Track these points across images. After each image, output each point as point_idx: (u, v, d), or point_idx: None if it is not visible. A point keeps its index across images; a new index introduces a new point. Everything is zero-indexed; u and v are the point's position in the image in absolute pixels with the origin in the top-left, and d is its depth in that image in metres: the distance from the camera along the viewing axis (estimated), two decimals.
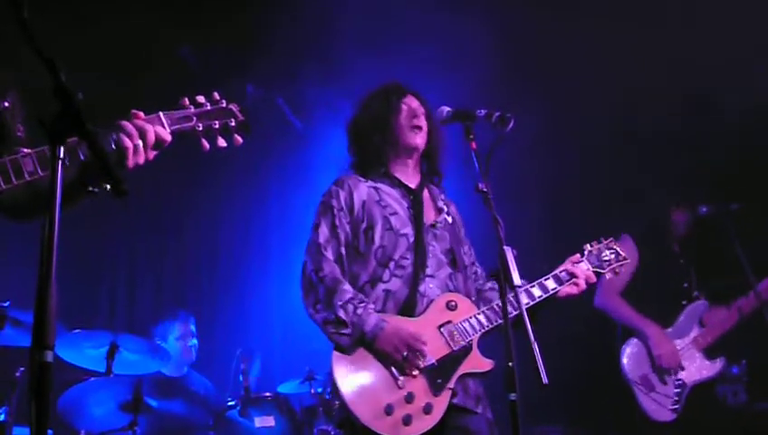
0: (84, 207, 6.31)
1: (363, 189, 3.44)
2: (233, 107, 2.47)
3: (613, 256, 3.62)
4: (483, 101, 3.22)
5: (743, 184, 5.70)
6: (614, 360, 4.99)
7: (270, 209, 7.34)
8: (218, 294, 6.98)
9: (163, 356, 5.02)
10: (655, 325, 4.95)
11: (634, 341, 4.98)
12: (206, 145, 2.40)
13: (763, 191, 5.74)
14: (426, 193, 3.55)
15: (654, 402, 4.83)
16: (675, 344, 4.92)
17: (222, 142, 2.43)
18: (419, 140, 3.50)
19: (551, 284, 3.41)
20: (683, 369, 4.88)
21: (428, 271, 3.33)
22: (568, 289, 3.42)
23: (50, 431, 4.80)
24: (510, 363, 2.67)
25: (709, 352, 4.99)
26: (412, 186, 3.52)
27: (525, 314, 2.75)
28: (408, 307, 3.25)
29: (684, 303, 5.11)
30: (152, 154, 2.28)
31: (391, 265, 3.30)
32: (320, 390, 5.16)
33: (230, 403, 5.12)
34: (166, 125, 2.31)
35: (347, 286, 3.24)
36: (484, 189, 2.94)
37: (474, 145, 3.05)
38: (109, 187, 1.85)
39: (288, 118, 7.23)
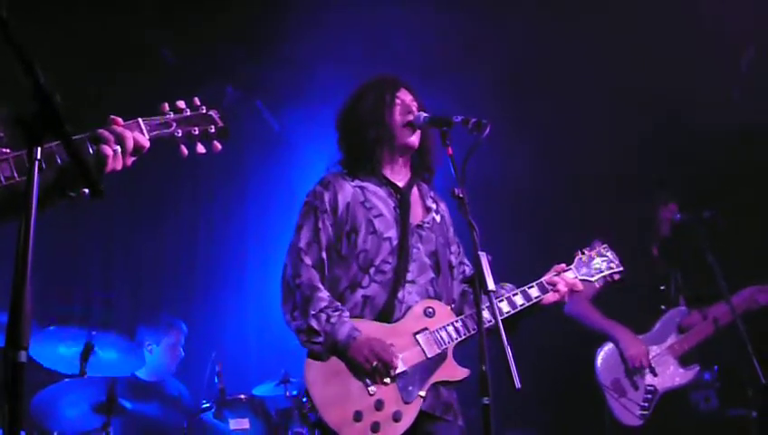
0: (61, 206, 6.26)
1: (348, 190, 3.40)
2: (212, 113, 2.47)
3: (604, 263, 3.58)
4: (471, 112, 3.21)
5: (717, 193, 5.79)
6: (587, 365, 5.01)
7: (248, 210, 7.32)
8: (195, 294, 6.95)
9: (138, 357, 5.00)
10: (624, 328, 4.98)
11: (609, 345, 5.02)
12: (185, 151, 2.40)
13: (736, 200, 5.84)
14: (414, 191, 3.51)
15: (623, 408, 4.86)
16: (646, 347, 4.94)
17: (201, 149, 2.43)
18: (415, 138, 3.45)
19: (534, 292, 3.40)
20: (655, 374, 4.92)
21: (409, 276, 3.31)
22: (551, 297, 3.41)
23: (22, 433, 4.77)
24: (483, 367, 2.68)
25: (684, 360, 5.03)
26: (400, 184, 3.48)
27: (499, 321, 2.75)
28: (386, 313, 3.25)
29: (663, 308, 5.14)
30: (130, 160, 2.28)
31: (371, 270, 3.29)
32: (295, 392, 5.16)
33: (205, 405, 5.10)
34: (145, 131, 2.31)
35: (323, 293, 3.24)
36: (461, 195, 2.92)
37: (450, 151, 3.04)
38: (86, 189, 1.84)
39: (266, 120, 7.22)
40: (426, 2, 5.94)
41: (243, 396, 5.24)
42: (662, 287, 5.21)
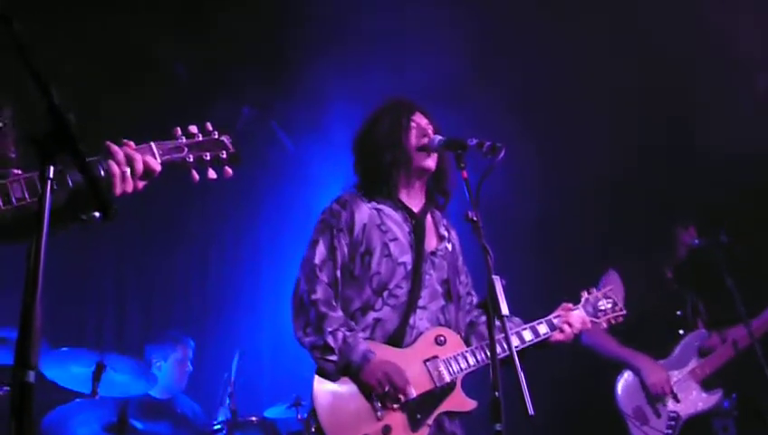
0: (71, 229, 6.27)
1: (365, 211, 3.38)
2: (224, 139, 2.47)
3: (609, 305, 3.60)
4: (477, 133, 3.20)
5: (732, 218, 5.73)
6: (603, 395, 4.95)
7: (261, 230, 7.32)
8: (208, 315, 6.94)
9: (150, 378, 4.99)
10: (643, 355, 4.92)
11: (628, 372, 4.95)
12: (196, 176, 2.40)
13: (753, 225, 5.78)
14: (429, 218, 3.50)
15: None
16: (668, 373, 4.88)
17: (212, 174, 2.42)
18: (431, 162, 3.44)
19: (542, 328, 3.39)
20: (677, 400, 4.84)
21: (421, 302, 3.30)
22: (559, 336, 3.41)
23: None
24: (496, 393, 2.65)
25: (706, 384, 4.95)
26: (416, 209, 3.47)
27: (512, 344, 2.74)
28: (396, 338, 3.23)
29: (681, 332, 5.08)
30: (141, 184, 2.28)
31: (385, 293, 3.27)
32: (306, 415, 5.11)
33: (216, 427, 5.08)
34: (157, 155, 2.31)
35: (338, 313, 3.21)
36: (474, 218, 2.92)
37: (464, 174, 3.03)
38: (97, 211, 1.83)
39: (281, 140, 7.23)
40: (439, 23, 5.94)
41: (254, 418, 5.21)
42: (679, 312, 5.16)
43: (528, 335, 3.35)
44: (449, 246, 3.50)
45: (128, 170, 2.21)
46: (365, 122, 3.59)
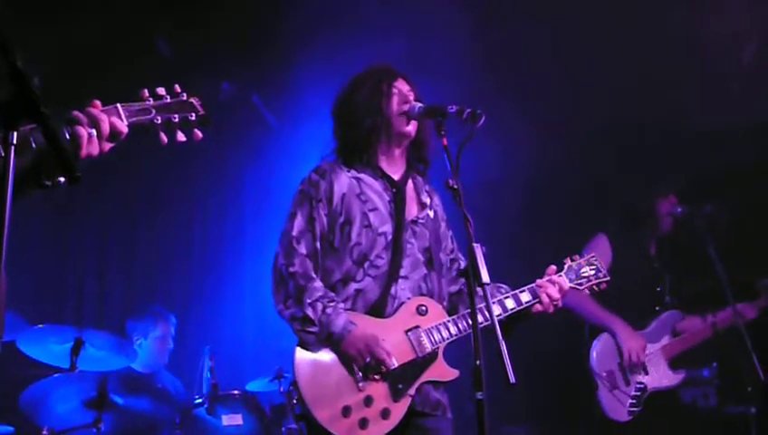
0: (53, 199, 6.21)
1: (344, 180, 3.33)
2: (194, 100, 2.40)
3: (593, 272, 3.57)
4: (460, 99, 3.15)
5: (717, 190, 5.74)
6: (579, 361, 4.96)
7: (244, 205, 7.28)
8: (190, 289, 6.92)
9: (129, 353, 4.95)
10: (622, 321, 4.93)
11: (605, 336, 4.95)
12: (165, 139, 2.33)
13: (738, 198, 5.79)
14: (410, 185, 3.46)
15: (614, 400, 4.83)
16: (644, 341, 4.90)
17: (181, 137, 2.35)
18: (412, 128, 3.39)
19: (525, 296, 3.35)
20: (646, 372, 4.88)
21: (402, 272, 3.26)
22: (539, 306, 3.37)
23: (11, 428, 4.73)
24: (477, 362, 2.63)
25: (674, 363, 4.99)
26: (396, 177, 3.42)
27: (494, 314, 2.72)
28: (378, 308, 3.20)
29: (657, 308, 5.10)
30: (107, 146, 2.21)
31: (366, 264, 3.24)
32: (289, 388, 5.10)
33: (197, 401, 5.04)
34: (123, 117, 2.24)
35: (318, 283, 3.18)
36: (455, 186, 2.88)
37: (445, 141, 2.99)
38: (61, 176, 1.78)
39: (264, 115, 7.17)
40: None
41: (236, 391, 5.17)
42: (659, 289, 5.17)
43: (510, 303, 3.31)
44: (431, 214, 3.46)
45: (94, 132, 2.14)
46: (345, 87, 3.52)
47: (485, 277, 2.72)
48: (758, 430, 4.90)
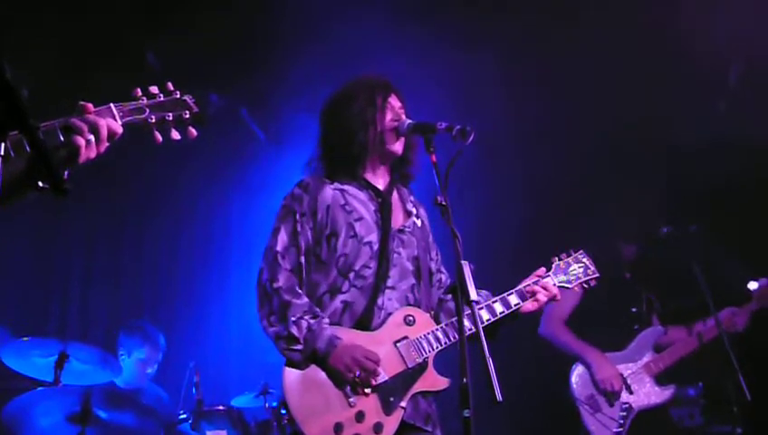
0: (39, 211, 6.18)
1: (328, 193, 3.30)
2: (187, 98, 2.38)
3: (581, 270, 3.54)
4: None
5: (703, 208, 5.75)
6: (565, 381, 4.97)
7: (231, 219, 7.26)
8: (175, 303, 6.87)
9: (114, 367, 4.91)
10: (595, 351, 4.95)
11: (581, 363, 4.98)
12: (159, 138, 2.31)
13: (723, 215, 5.81)
14: (395, 195, 3.44)
15: (599, 424, 4.81)
16: (617, 368, 4.90)
17: (176, 135, 2.33)
18: (399, 146, 3.37)
19: (513, 299, 3.33)
20: (630, 392, 4.87)
21: (390, 282, 3.23)
22: (530, 306, 3.35)
23: None
24: (465, 380, 2.61)
25: (660, 379, 4.98)
26: (380, 187, 3.40)
27: (482, 332, 2.69)
28: (365, 320, 3.17)
29: (636, 328, 5.10)
30: (103, 147, 2.19)
31: (351, 275, 3.21)
32: (275, 404, 5.05)
33: (182, 416, 5.01)
34: (117, 117, 2.22)
35: (302, 300, 3.15)
36: (444, 202, 2.87)
37: (434, 158, 2.98)
38: (49, 186, 1.76)
39: (252, 129, 7.16)
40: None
41: (221, 407, 5.14)
42: (634, 309, 5.17)
43: (499, 307, 3.29)
44: (418, 222, 3.44)
45: (92, 138, 2.12)
46: (337, 97, 3.48)
47: (473, 295, 2.70)
48: None
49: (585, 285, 3.55)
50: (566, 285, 3.48)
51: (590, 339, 5.00)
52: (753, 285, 5.10)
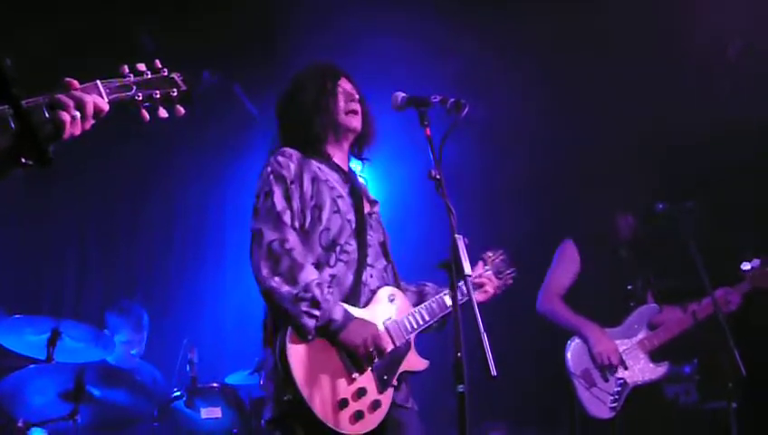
0: (33, 188, 6.14)
1: (313, 165, 3.28)
2: (175, 76, 2.35)
3: (504, 266, 3.71)
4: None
5: (697, 186, 5.74)
6: (560, 357, 4.97)
7: (225, 196, 7.22)
8: (170, 280, 6.86)
9: (107, 345, 4.89)
10: (592, 325, 4.95)
11: (578, 337, 4.97)
12: (146, 116, 2.28)
13: (719, 193, 5.80)
14: (358, 181, 3.48)
15: (593, 398, 4.82)
16: (615, 343, 4.90)
17: (163, 113, 2.30)
18: (357, 122, 3.41)
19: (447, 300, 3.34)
20: (626, 368, 4.87)
21: (369, 260, 3.25)
22: (480, 297, 3.46)
23: None
24: (459, 354, 2.60)
25: (655, 356, 4.98)
26: (345, 169, 3.44)
27: (476, 306, 2.67)
28: (352, 296, 3.16)
29: (632, 304, 5.10)
30: (89, 124, 2.16)
31: (337, 249, 3.19)
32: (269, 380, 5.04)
33: (176, 394, 5.00)
34: (104, 94, 2.19)
35: (312, 267, 3.07)
36: (438, 176, 2.87)
37: (428, 131, 2.99)
38: (33, 158, 1.73)
39: (245, 106, 7.11)
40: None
41: (215, 384, 5.13)
42: (629, 286, 5.17)
43: (448, 301, 3.28)
44: (378, 215, 3.49)
45: (78, 115, 2.09)
46: (288, 88, 3.48)
47: (468, 269, 2.70)
48: (739, 425, 4.90)
49: (508, 282, 3.73)
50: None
51: (585, 314, 5.00)
52: (746, 266, 5.09)
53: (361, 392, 3.02)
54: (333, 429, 2.93)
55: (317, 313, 2.95)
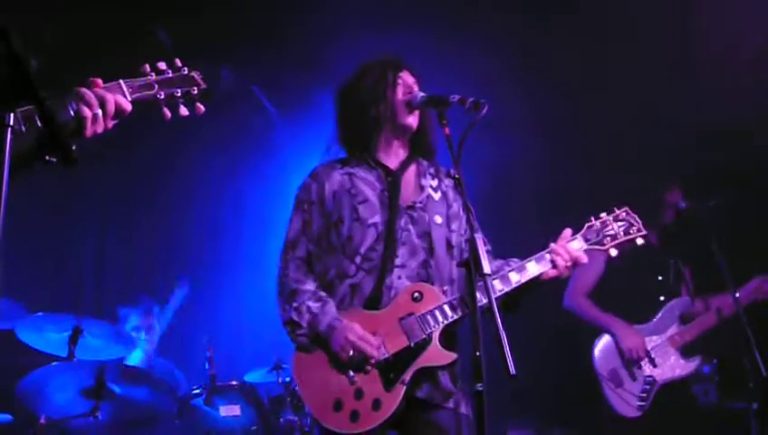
0: (52, 186, 6.17)
1: (336, 179, 3.34)
2: (195, 75, 2.38)
3: (623, 228, 3.32)
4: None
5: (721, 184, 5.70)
6: (586, 355, 4.96)
7: (243, 195, 7.25)
8: (189, 278, 6.87)
9: (128, 342, 4.93)
10: (620, 321, 4.92)
11: (606, 336, 4.95)
12: (168, 114, 2.31)
13: (743, 191, 5.75)
14: (411, 170, 3.41)
15: (620, 398, 4.80)
16: (643, 338, 4.87)
17: (184, 111, 2.34)
18: (413, 120, 3.38)
19: (532, 266, 3.21)
20: (654, 365, 4.84)
21: (398, 261, 3.21)
22: (551, 273, 3.22)
23: (9, 416, 4.72)
24: (477, 353, 2.60)
25: (685, 351, 4.95)
26: (393, 166, 3.39)
27: (495, 304, 2.67)
28: (374, 301, 3.18)
29: (662, 298, 5.05)
30: (111, 123, 2.19)
31: (357, 258, 3.22)
32: (288, 379, 5.06)
33: (195, 391, 5.03)
34: (126, 94, 2.22)
35: (308, 286, 3.22)
36: (457, 175, 2.88)
37: (447, 130, 2.98)
38: (57, 157, 1.76)
39: (263, 104, 7.14)
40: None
41: (234, 382, 5.16)
42: (660, 278, 5.13)
43: (515, 277, 3.19)
44: (436, 195, 3.38)
45: (99, 112, 2.12)
46: (350, 76, 3.51)
47: (486, 268, 2.70)
48: (759, 425, 4.87)
49: (626, 245, 3.31)
50: (598, 248, 3.29)
51: (613, 310, 4.97)
52: None
53: (359, 393, 3.06)
54: (331, 428, 3.04)
55: (302, 332, 3.16)
